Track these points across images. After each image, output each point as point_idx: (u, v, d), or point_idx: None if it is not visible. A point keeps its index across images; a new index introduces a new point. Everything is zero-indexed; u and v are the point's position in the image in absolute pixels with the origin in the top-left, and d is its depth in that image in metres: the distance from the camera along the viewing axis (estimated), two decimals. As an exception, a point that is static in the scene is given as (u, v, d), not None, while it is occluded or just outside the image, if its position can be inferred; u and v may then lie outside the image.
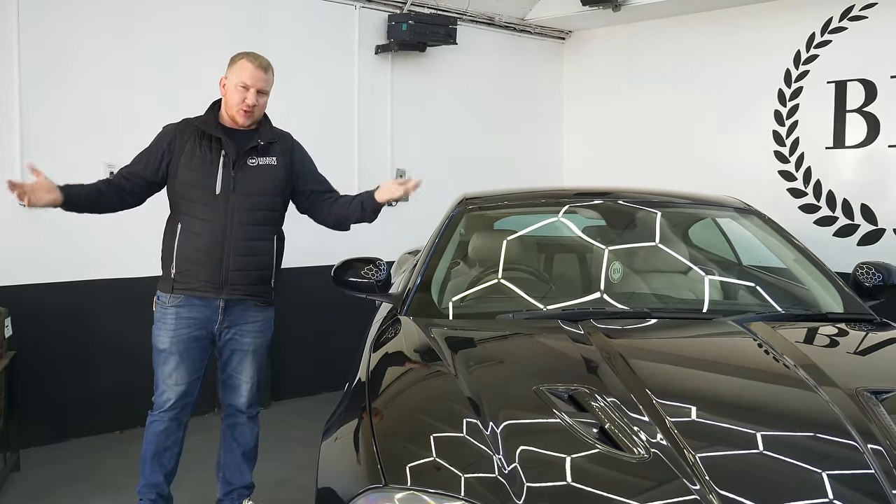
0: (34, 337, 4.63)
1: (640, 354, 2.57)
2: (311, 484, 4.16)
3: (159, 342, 3.36)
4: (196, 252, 3.30)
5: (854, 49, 5.64)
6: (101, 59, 4.85)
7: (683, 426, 2.01)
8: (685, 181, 6.15)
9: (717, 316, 2.98)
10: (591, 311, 2.98)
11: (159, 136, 3.42)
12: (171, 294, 3.33)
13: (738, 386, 2.39)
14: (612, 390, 2.19)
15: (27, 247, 4.61)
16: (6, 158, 4.56)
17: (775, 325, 2.83)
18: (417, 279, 3.25)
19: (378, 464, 1.95)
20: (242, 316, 3.42)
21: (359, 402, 2.38)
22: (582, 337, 2.62)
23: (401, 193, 3.39)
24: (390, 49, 6.06)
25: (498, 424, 2.02)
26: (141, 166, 3.37)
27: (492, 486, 1.82)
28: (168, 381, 3.35)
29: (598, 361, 2.40)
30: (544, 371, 2.49)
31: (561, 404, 2.12)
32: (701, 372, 2.53)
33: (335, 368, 5.91)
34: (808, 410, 2.15)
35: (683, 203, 3.81)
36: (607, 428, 2.00)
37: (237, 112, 3.31)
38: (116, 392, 5.01)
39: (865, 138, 5.59)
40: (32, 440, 4.67)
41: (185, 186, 3.32)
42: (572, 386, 2.23)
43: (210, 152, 3.32)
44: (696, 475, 1.80)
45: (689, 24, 6.51)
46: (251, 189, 3.34)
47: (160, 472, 3.40)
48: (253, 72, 3.29)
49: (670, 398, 2.17)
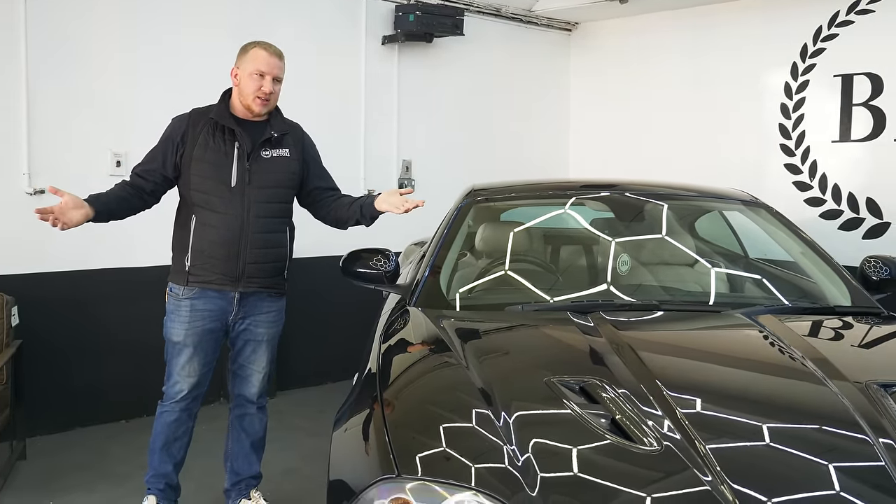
0: (41, 326, 4.64)
1: (649, 347, 2.58)
2: (318, 474, 4.20)
3: (173, 334, 3.34)
4: (212, 245, 3.28)
5: (861, 43, 5.62)
6: (109, 49, 4.85)
7: (694, 418, 2.02)
8: (690, 173, 6.13)
9: (725, 308, 2.99)
10: (600, 303, 2.99)
11: (170, 128, 3.37)
12: (186, 286, 3.32)
13: (747, 378, 2.40)
14: (622, 382, 2.20)
15: (34, 235, 4.60)
16: (14, 146, 4.56)
17: (783, 317, 2.83)
18: (426, 270, 3.26)
19: (390, 454, 1.95)
20: (257, 306, 3.42)
21: (370, 392, 2.39)
22: (591, 329, 2.63)
23: (400, 212, 3.32)
24: (397, 40, 6.05)
25: (510, 415, 2.03)
26: (158, 163, 3.33)
27: (504, 476, 1.83)
28: (181, 373, 3.35)
29: (608, 353, 2.41)
30: (554, 362, 2.49)
31: (572, 396, 2.13)
32: (711, 364, 2.53)
33: (339, 358, 5.95)
34: (819, 403, 2.16)
35: (691, 196, 3.81)
36: (619, 419, 2.01)
37: (253, 101, 3.27)
38: (123, 381, 5.02)
39: (872, 132, 5.58)
40: (39, 429, 4.69)
41: (200, 179, 3.28)
42: (583, 377, 2.24)
43: (224, 144, 3.29)
44: (708, 466, 1.81)
45: (695, 17, 6.49)
46: (266, 181, 3.32)
47: (170, 462, 3.41)
48: (268, 59, 3.27)
49: (681, 390, 2.18)
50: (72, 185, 4.64)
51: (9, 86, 4.54)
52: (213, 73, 4.67)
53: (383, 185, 6.21)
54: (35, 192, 4.60)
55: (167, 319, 3.38)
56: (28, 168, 4.59)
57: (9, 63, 4.53)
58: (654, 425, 1.97)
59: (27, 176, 4.59)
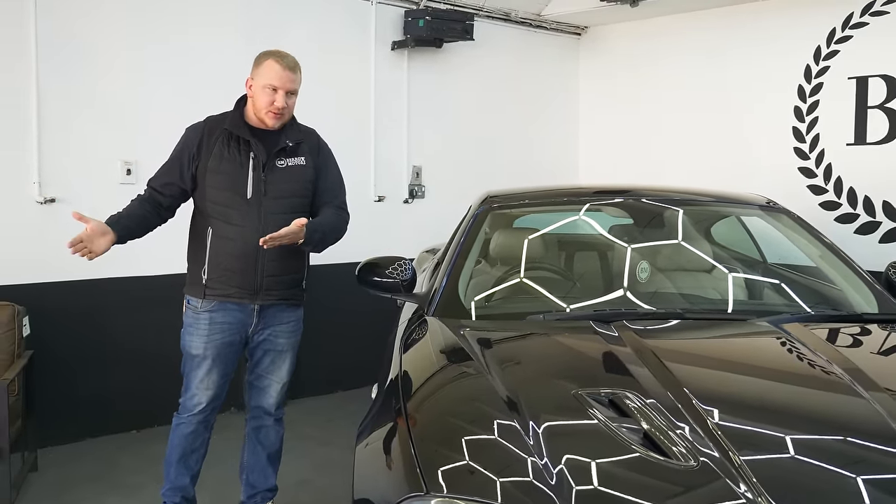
0: (52, 336, 4.60)
1: (676, 357, 2.52)
2: (332, 485, 4.18)
3: (192, 347, 3.29)
4: (229, 258, 3.23)
5: (875, 45, 5.57)
6: (118, 54, 4.81)
7: (727, 430, 1.97)
8: (703, 178, 6.10)
9: (750, 316, 2.94)
10: (623, 311, 2.94)
11: (185, 139, 3.30)
12: (203, 299, 3.26)
13: (778, 389, 2.34)
14: (651, 394, 2.14)
15: (46, 246, 4.57)
16: (24, 155, 4.52)
17: (811, 325, 2.78)
18: (444, 279, 3.21)
19: (418, 469, 1.90)
20: (277, 317, 3.37)
21: (392, 405, 2.34)
22: (616, 339, 2.58)
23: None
24: (406, 45, 6.01)
25: (539, 429, 1.98)
26: (175, 176, 3.27)
27: (538, 494, 1.77)
28: (200, 386, 3.30)
29: (634, 364, 2.36)
30: (581, 374, 2.44)
31: (602, 409, 2.08)
32: (740, 375, 2.48)
33: (350, 367, 5.91)
34: (855, 415, 2.10)
35: (710, 201, 3.77)
36: (651, 432, 1.96)
37: (266, 115, 3.21)
38: (133, 391, 4.98)
39: (887, 135, 5.53)
40: (49, 440, 4.64)
41: (216, 190, 3.22)
42: (612, 389, 2.19)
43: (239, 154, 3.23)
44: (745, 480, 1.76)
45: (707, 20, 6.44)
46: (282, 192, 3.26)
47: (187, 475, 3.36)
48: (281, 73, 3.18)
49: (712, 402, 2.12)
50: (82, 194, 4.65)
51: (19, 90, 4.50)
52: (222, 77, 4.65)
53: (393, 192, 6.19)
54: (46, 200, 4.56)
55: (185, 332, 3.32)
56: (38, 177, 4.55)
57: (20, 63, 4.49)
58: (687, 438, 1.92)
59: (37, 185, 4.55)
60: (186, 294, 3.34)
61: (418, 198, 6.32)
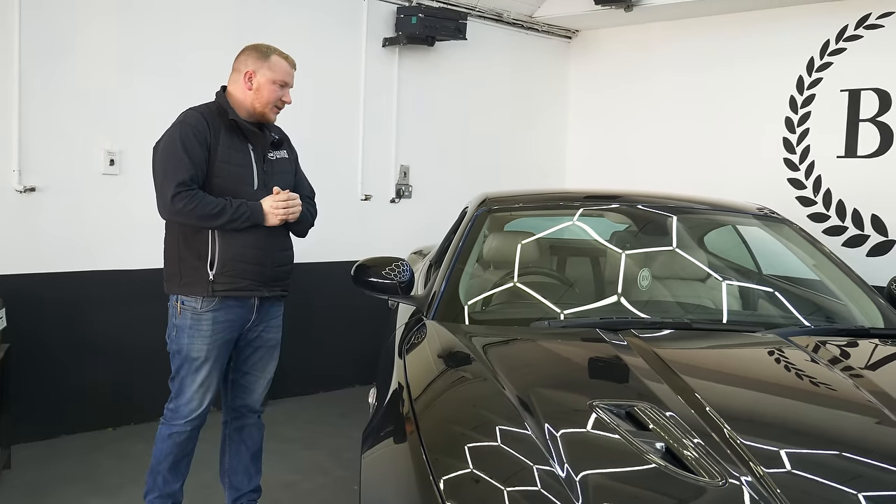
0: (28, 329, 4.45)
1: (691, 371, 2.45)
2: (318, 488, 4.09)
3: (193, 351, 3.13)
4: (244, 250, 3.13)
5: (869, 58, 5.57)
6: (102, 41, 4.67)
7: (747, 445, 1.91)
8: (692, 186, 6.06)
9: (758, 328, 2.89)
10: (629, 320, 2.87)
11: (193, 128, 3.06)
12: (206, 298, 3.11)
13: (799, 406, 2.29)
14: (669, 406, 2.08)
15: (24, 235, 4.43)
16: (4, 136, 4.37)
17: (820, 339, 2.75)
18: (443, 282, 3.12)
19: (431, 480, 1.81)
20: (269, 312, 3.33)
21: (399, 411, 2.25)
22: (625, 349, 2.51)
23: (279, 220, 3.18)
24: (398, 42, 5.93)
25: (557, 442, 1.90)
26: (201, 167, 3.06)
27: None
28: (199, 390, 3.18)
29: (648, 376, 2.29)
30: (595, 385, 2.38)
31: (620, 422, 2.01)
32: (752, 389, 2.41)
33: (332, 367, 5.81)
34: (879, 433, 2.06)
35: (719, 210, 3.73)
36: (672, 447, 1.89)
37: (270, 109, 3.21)
38: (109, 388, 4.84)
39: (878, 148, 5.53)
40: (22, 436, 4.48)
41: (226, 181, 3.10)
42: (630, 402, 2.12)
43: (242, 146, 3.18)
44: (774, 500, 1.70)
45: (700, 28, 6.42)
46: (279, 183, 3.24)
47: (178, 481, 3.26)
48: (288, 69, 3.24)
49: (729, 416, 2.05)
50: (64, 183, 4.51)
51: (1, 77, 4.35)
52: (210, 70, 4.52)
53: (380, 190, 6.09)
54: (25, 189, 4.41)
55: (181, 335, 3.15)
56: (18, 165, 4.41)
57: (1, 54, 4.34)
58: (711, 455, 1.85)
59: (17, 173, 4.40)
60: (180, 295, 3.15)
61: (405, 197, 6.23)
